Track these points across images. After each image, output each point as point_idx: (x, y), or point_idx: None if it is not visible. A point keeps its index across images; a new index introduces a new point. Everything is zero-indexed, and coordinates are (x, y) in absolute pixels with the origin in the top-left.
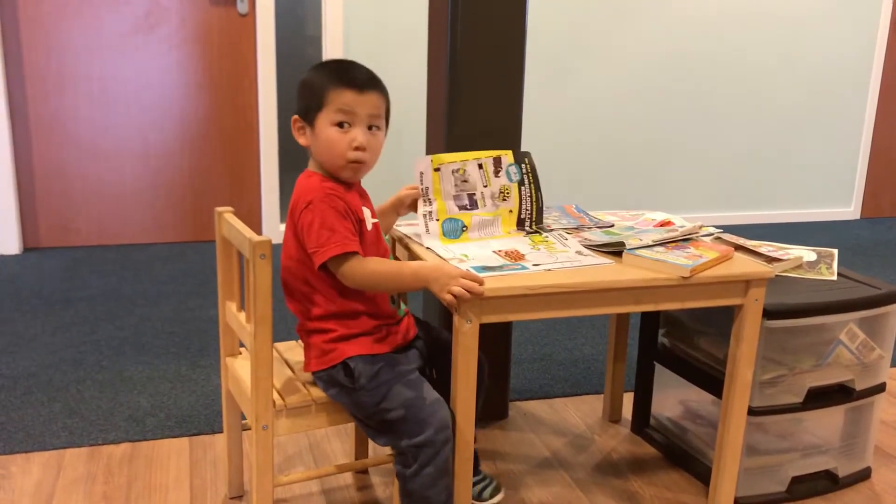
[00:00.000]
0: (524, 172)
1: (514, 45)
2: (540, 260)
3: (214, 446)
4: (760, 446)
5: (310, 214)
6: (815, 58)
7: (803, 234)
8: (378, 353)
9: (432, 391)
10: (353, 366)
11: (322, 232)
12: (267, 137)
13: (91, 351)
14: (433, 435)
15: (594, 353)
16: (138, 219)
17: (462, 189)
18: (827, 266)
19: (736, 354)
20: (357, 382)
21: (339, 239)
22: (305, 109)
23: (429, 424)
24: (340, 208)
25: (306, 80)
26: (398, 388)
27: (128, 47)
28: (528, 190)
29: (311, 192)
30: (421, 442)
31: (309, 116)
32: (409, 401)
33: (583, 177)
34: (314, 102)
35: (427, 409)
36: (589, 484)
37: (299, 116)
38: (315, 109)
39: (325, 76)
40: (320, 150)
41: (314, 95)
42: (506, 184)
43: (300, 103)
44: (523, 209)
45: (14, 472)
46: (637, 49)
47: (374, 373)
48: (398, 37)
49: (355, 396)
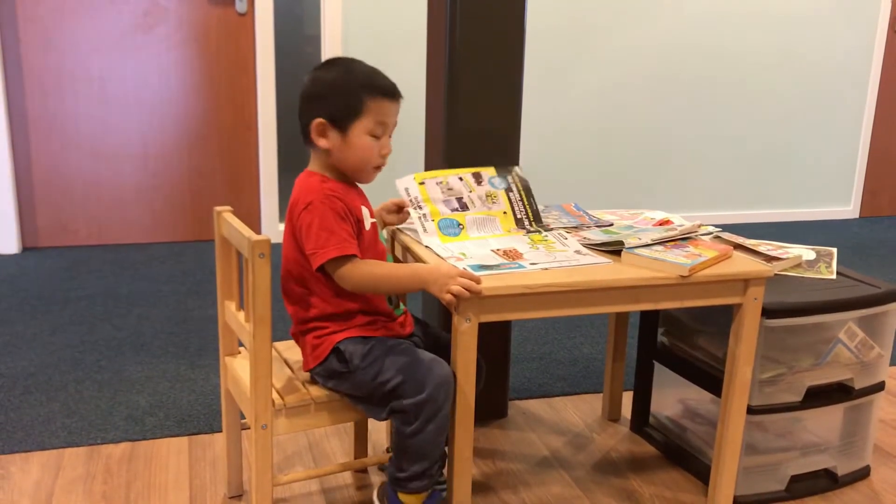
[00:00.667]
0: (511, 182)
1: (514, 44)
2: (538, 259)
3: (214, 446)
4: (760, 445)
5: (309, 215)
6: (814, 56)
7: (802, 233)
8: (369, 335)
9: (427, 353)
10: (343, 348)
11: (321, 234)
12: (266, 137)
13: (90, 351)
14: (433, 391)
15: (593, 352)
16: (137, 218)
17: (450, 195)
18: (826, 265)
19: (735, 353)
20: (351, 364)
21: (337, 241)
22: (337, 114)
23: (428, 382)
24: (340, 210)
25: (335, 83)
26: (391, 358)
27: (126, 47)
28: (517, 195)
29: (310, 192)
30: (423, 399)
31: (342, 122)
32: (404, 365)
33: (582, 176)
34: (351, 109)
35: (424, 368)
36: (588, 483)
37: (326, 120)
38: (351, 116)
39: (360, 83)
40: (347, 155)
41: (350, 102)
42: (491, 190)
43: (326, 107)
44: (517, 210)
45: (13, 471)
46: (636, 48)
47: (366, 351)
48: (397, 36)
49: (352, 378)
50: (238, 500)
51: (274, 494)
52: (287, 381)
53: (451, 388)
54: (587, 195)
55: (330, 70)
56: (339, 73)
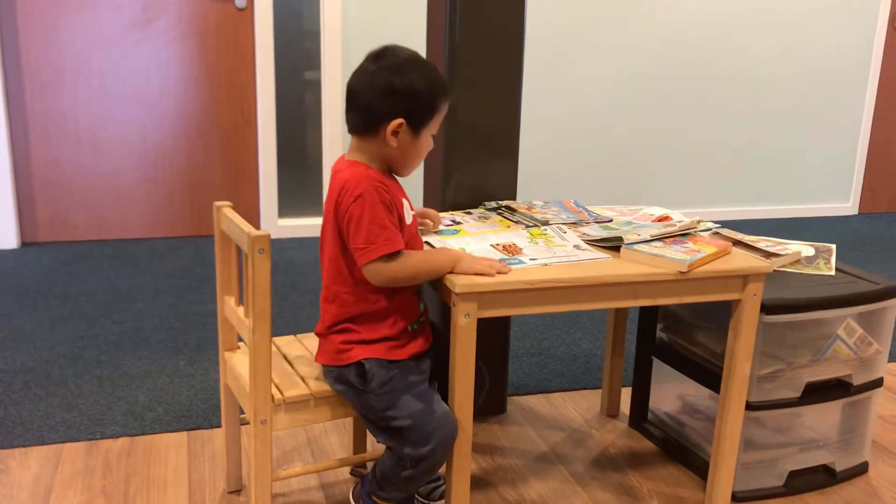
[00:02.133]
0: (498, 209)
1: (513, 39)
2: (537, 254)
3: (213, 441)
4: (758, 441)
5: (359, 208)
6: (814, 53)
7: (801, 230)
8: (394, 359)
9: (442, 403)
10: (367, 367)
11: (372, 228)
12: (265, 132)
13: (89, 345)
14: (436, 448)
15: (592, 347)
16: (136, 213)
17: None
18: (825, 261)
19: (734, 349)
20: (368, 385)
21: (387, 237)
22: (417, 117)
23: (434, 438)
24: (387, 202)
25: (412, 86)
26: (408, 399)
27: (125, 41)
28: (507, 214)
29: (360, 183)
30: (424, 454)
31: (418, 124)
32: (417, 412)
33: (581, 173)
34: (427, 111)
35: (434, 422)
36: (587, 478)
37: (405, 121)
38: (427, 118)
39: (432, 86)
40: (409, 153)
41: (427, 104)
42: (484, 213)
43: (409, 109)
44: (512, 217)
45: (12, 466)
46: (636, 44)
47: (387, 379)
48: (396, 31)
49: (364, 398)
50: (237, 495)
51: (273, 489)
52: (286, 376)
53: (453, 443)
54: (586, 191)
55: (409, 71)
56: (420, 76)
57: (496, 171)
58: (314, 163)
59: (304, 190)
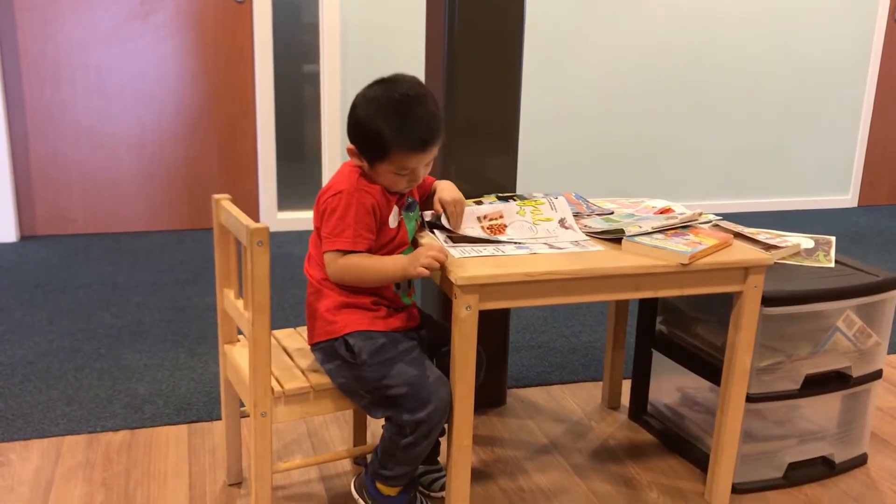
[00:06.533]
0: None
1: (513, 32)
2: (519, 235)
3: (213, 433)
4: (758, 433)
5: (335, 202)
6: (813, 46)
7: (801, 222)
8: (379, 329)
9: (434, 369)
10: (352, 342)
11: (339, 224)
12: (264, 125)
13: (89, 339)
14: (433, 413)
15: (592, 340)
16: (135, 207)
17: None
18: (825, 253)
19: (734, 341)
20: (358, 358)
21: (350, 236)
22: (365, 151)
23: (430, 402)
24: (367, 204)
25: (365, 123)
26: (401, 367)
27: (124, 35)
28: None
29: (344, 182)
30: (422, 418)
31: (370, 159)
32: (412, 378)
33: (582, 165)
34: (377, 153)
35: (430, 386)
36: (587, 470)
37: (356, 149)
38: (377, 159)
39: (390, 131)
40: (376, 175)
41: (377, 147)
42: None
43: (358, 139)
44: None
45: (13, 459)
46: (637, 38)
47: (377, 349)
48: (395, 24)
49: (357, 371)
50: (237, 488)
51: (273, 482)
52: (286, 368)
53: (450, 410)
54: (588, 184)
55: (373, 105)
56: (384, 121)
57: (496, 164)
58: (313, 156)
59: (303, 183)
